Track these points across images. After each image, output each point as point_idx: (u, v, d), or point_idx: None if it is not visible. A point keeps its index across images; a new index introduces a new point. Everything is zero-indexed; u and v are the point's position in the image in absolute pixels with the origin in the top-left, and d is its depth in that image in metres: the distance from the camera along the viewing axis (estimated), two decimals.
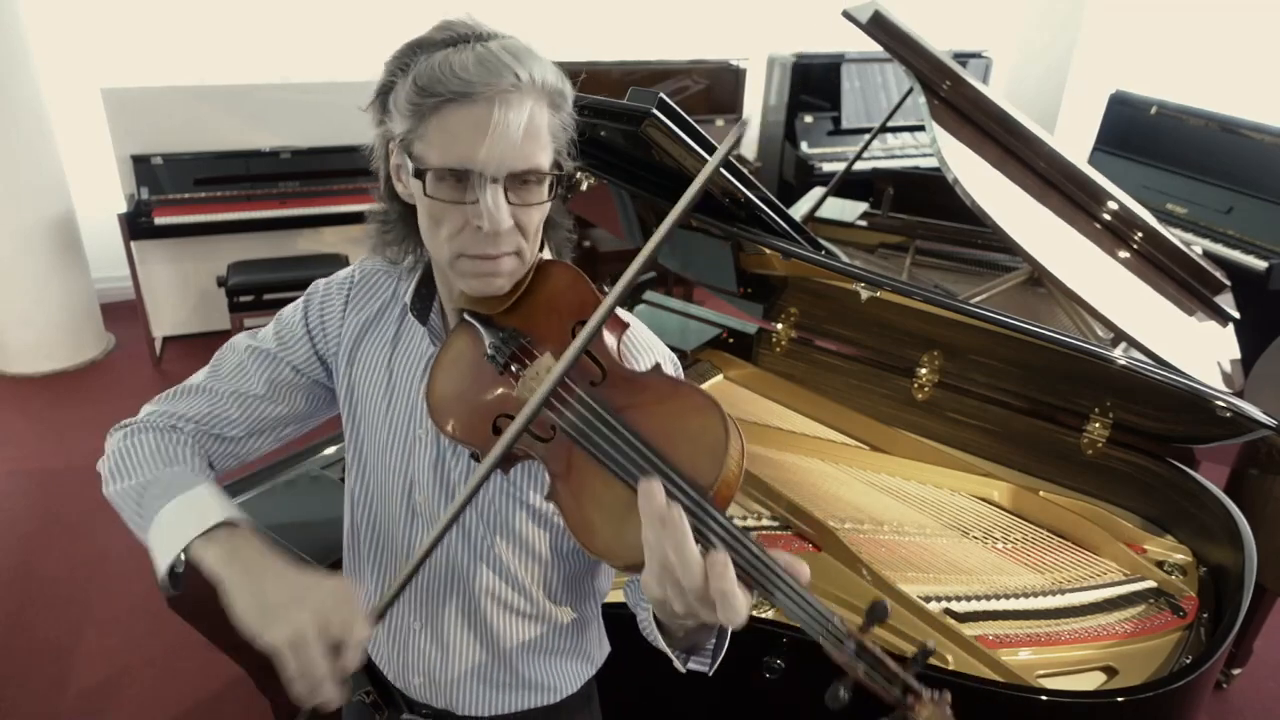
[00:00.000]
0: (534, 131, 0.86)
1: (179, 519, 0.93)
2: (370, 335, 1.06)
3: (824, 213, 3.09)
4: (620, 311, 0.95)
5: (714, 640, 0.94)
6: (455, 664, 1.10)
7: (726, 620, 0.72)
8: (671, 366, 1.01)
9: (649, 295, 2.74)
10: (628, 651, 1.24)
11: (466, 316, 0.97)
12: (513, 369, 0.92)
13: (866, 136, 2.83)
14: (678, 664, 0.94)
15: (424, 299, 1.03)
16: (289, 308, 1.09)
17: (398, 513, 1.06)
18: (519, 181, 0.87)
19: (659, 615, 0.86)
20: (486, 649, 1.10)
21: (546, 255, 1.02)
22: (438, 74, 0.83)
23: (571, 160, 0.94)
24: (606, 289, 0.91)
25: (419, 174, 0.87)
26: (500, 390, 0.93)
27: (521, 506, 1.01)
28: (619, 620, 1.19)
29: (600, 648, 1.22)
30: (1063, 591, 1.70)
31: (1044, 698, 1.40)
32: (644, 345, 1.01)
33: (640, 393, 0.87)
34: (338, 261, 4.07)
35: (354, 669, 0.84)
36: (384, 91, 0.90)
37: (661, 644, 0.94)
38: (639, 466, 0.80)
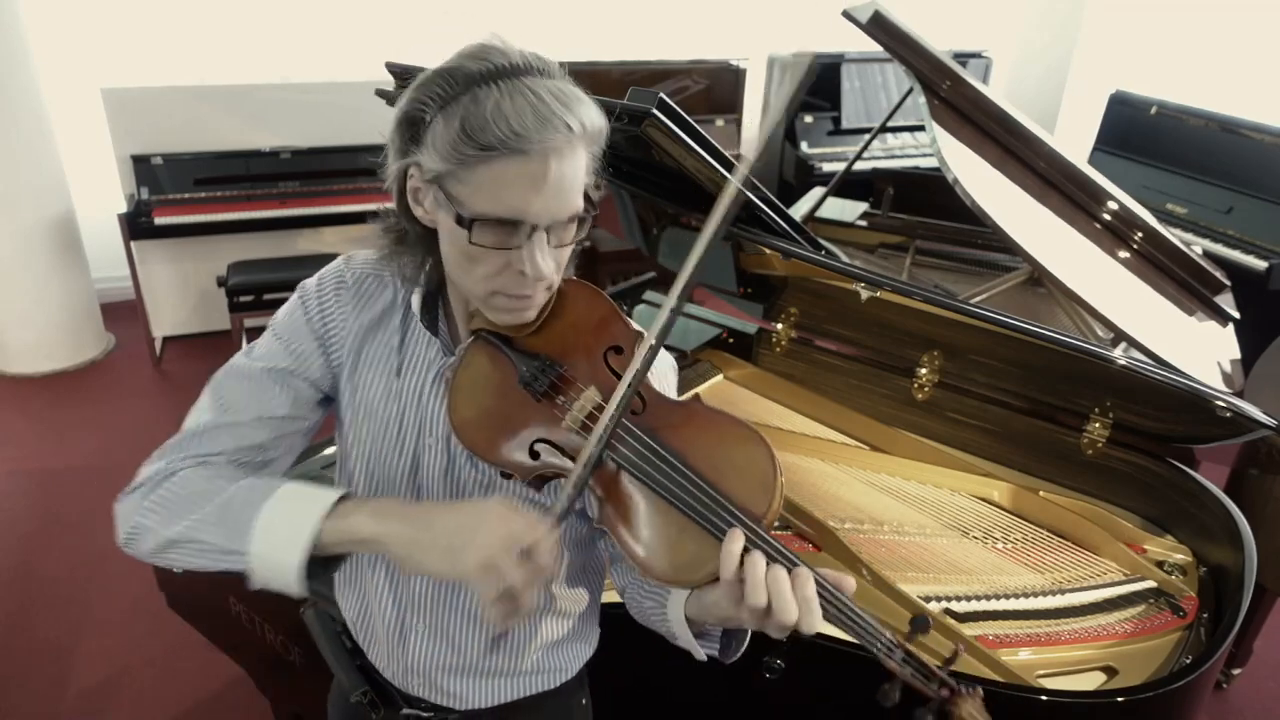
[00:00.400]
0: (578, 178, 0.87)
1: (289, 514, 0.89)
2: (374, 339, 1.03)
3: (824, 213, 3.09)
4: (635, 325, 0.97)
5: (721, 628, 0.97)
6: (460, 662, 1.10)
7: (807, 629, 0.82)
8: (673, 373, 1.05)
9: (649, 295, 2.74)
10: (625, 651, 1.25)
11: (485, 335, 0.97)
12: (556, 400, 0.93)
13: (866, 136, 2.83)
14: (700, 654, 0.97)
15: (431, 308, 1.02)
16: (284, 317, 1.03)
17: None
18: (562, 224, 0.88)
19: (712, 620, 0.91)
20: (495, 647, 1.10)
21: None
22: (490, 123, 0.80)
23: (597, 189, 0.94)
24: (623, 307, 0.93)
25: (461, 221, 0.85)
26: (538, 417, 0.94)
27: (530, 505, 1.00)
28: (618, 620, 1.19)
29: (596, 627, 1.23)
30: (1063, 591, 1.70)
31: (1044, 698, 1.40)
32: (661, 363, 1.03)
33: (683, 422, 0.91)
34: None
35: (550, 570, 0.86)
36: (414, 123, 0.86)
37: (681, 639, 0.96)
38: (696, 499, 0.85)
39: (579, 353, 0.95)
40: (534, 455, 0.93)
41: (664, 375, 1.03)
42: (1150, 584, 1.72)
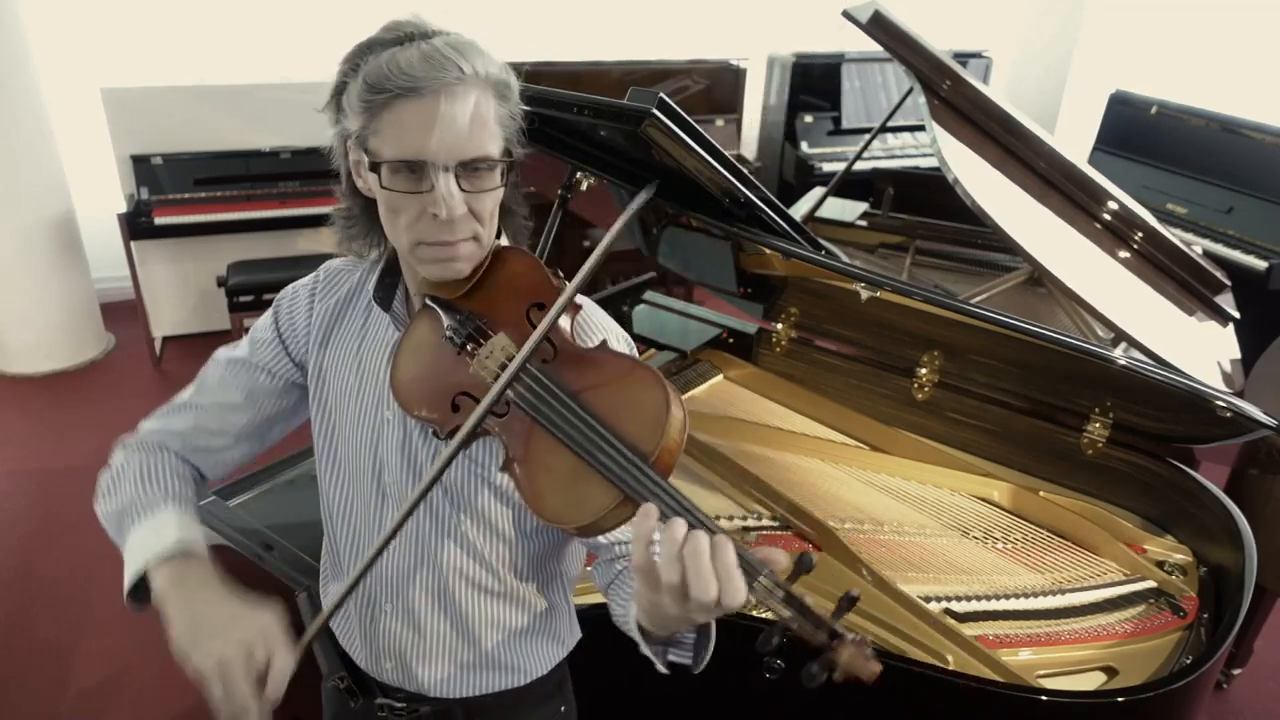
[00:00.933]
0: (481, 120, 0.90)
1: (142, 542, 1.00)
2: (340, 325, 1.10)
3: (824, 213, 3.09)
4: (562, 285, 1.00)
5: (693, 634, 0.95)
6: (426, 645, 1.12)
7: (730, 601, 0.76)
8: (623, 344, 1.06)
9: (649, 295, 2.74)
10: (610, 650, 1.25)
11: (428, 301, 1.02)
12: (469, 349, 0.98)
13: (866, 136, 2.83)
14: (660, 666, 0.95)
15: (387, 288, 1.07)
16: (261, 317, 1.14)
17: (369, 495, 1.09)
18: (470, 169, 0.91)
19: (647, 622, 0.88)
20: (456, 629, 1.11)
21: (505, 242, 1.06)
22: (385, 71, 0.87)
23: (522, 148, 0.98)
24: (559, 273, 0.99)
25: (374, 167, 0.91)
26: (458, 369, 0.98)
27: (485, 484, 1.04)
28: (604, 621, 1.18)
29: (571, 631, 1.23)
30: (1063, 591, 1.70)
31: (1044, 698, 1.40)
32: (597, 325, 1.05)
33: (589, 368, 0.93)
34: None
35: (277, 700, 0.88)
36: (338, 92, 0.94)
37: (643, 646, 0.95)
38: (586, 437, 0.86)
39: (504, 309, 0.99)
40: (455, 408, 0.96)
41: (593, 329, 1.04)
42: (1150, 584, 1.72)
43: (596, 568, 1.11)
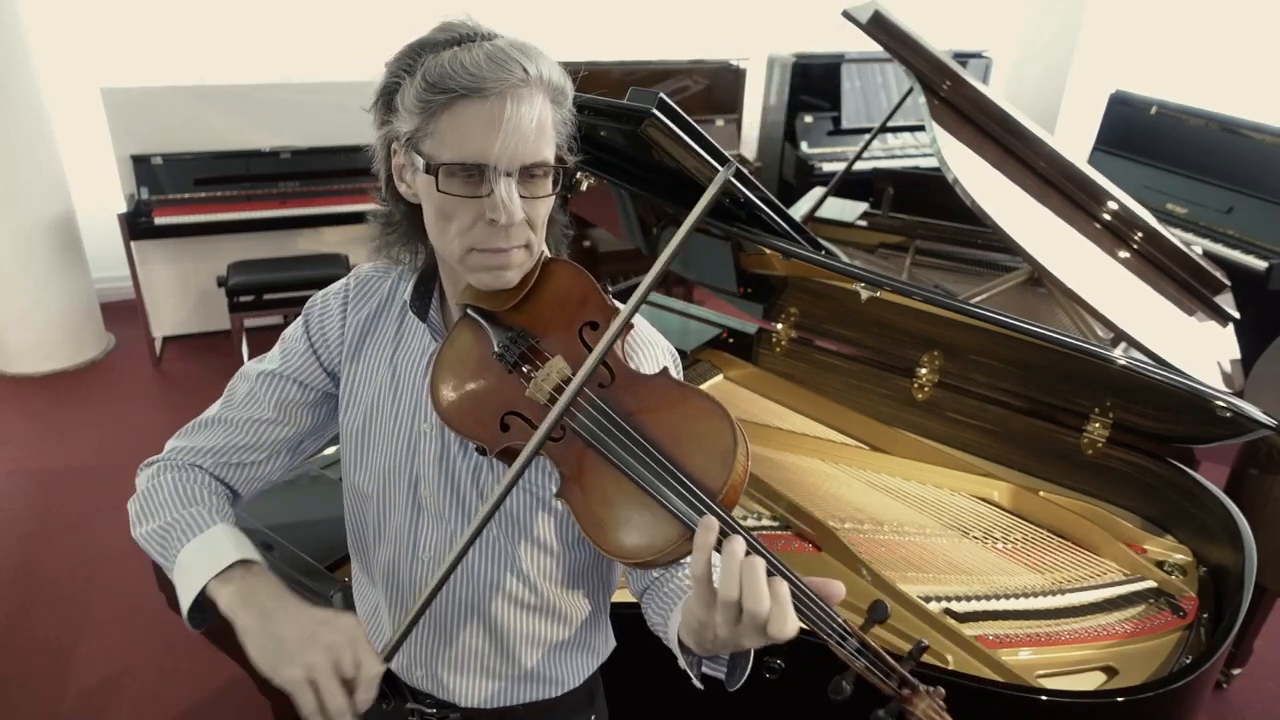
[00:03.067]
0: (542, 125, 0.88)
1: (196, 561, 0.96)
2: (373, 334, 1.07)
3: (824, 213, 3.09)
4: (615, 304, 0.96)
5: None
6: (457, 657, 1.11)
7: (777, 631, 0.76)
8: (673, 362, 1.03)
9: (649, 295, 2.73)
10: (635, 651, 1.24)
11: (470, 312, 0.98)
12: (523, 369, 0.94)
13: (866, 136, 2.83)
14: (695, 680, 0.94)
15: (423, 296, 1.04)
16: (291, 326, 1.10)
17: (403, 507, 1.07)
18: (528, 175, 0.89)
19: (693, 642, 0.87)
20: (490, 642, 1.10)
21: (548, 253, 1.02)
22: (448, 70, 0.84)
23: (573, 155, 0.96)
24: (608, 288, 0.92)
25: (429, 169, 0.88)
26: (509, 389, 0.94)
27: (537, 504, 1.02)
28: (628, 620, 1.18)
29: (606, 640, 1.22)
30: (1063, 591, 1.70)
31: (1044, 698, 1.40)
32: (645, 340, 1.03)
33: (649, 395, 0.89)
34: (337, 261, 4.07)
35: (367, 707, 0.87)
36: (388, 93, 0.90)
37: (681, 660, 0.94)
38: (651, 469, 0.83)
39: (556, 327, 0.95)
40: (504, 427, 0.93)
41: (653, 357, 1.02)
42: (1150, 584, 1.72)
43: (632, 574, 1.10)
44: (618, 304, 0.96)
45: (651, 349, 1.02)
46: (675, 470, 0.82)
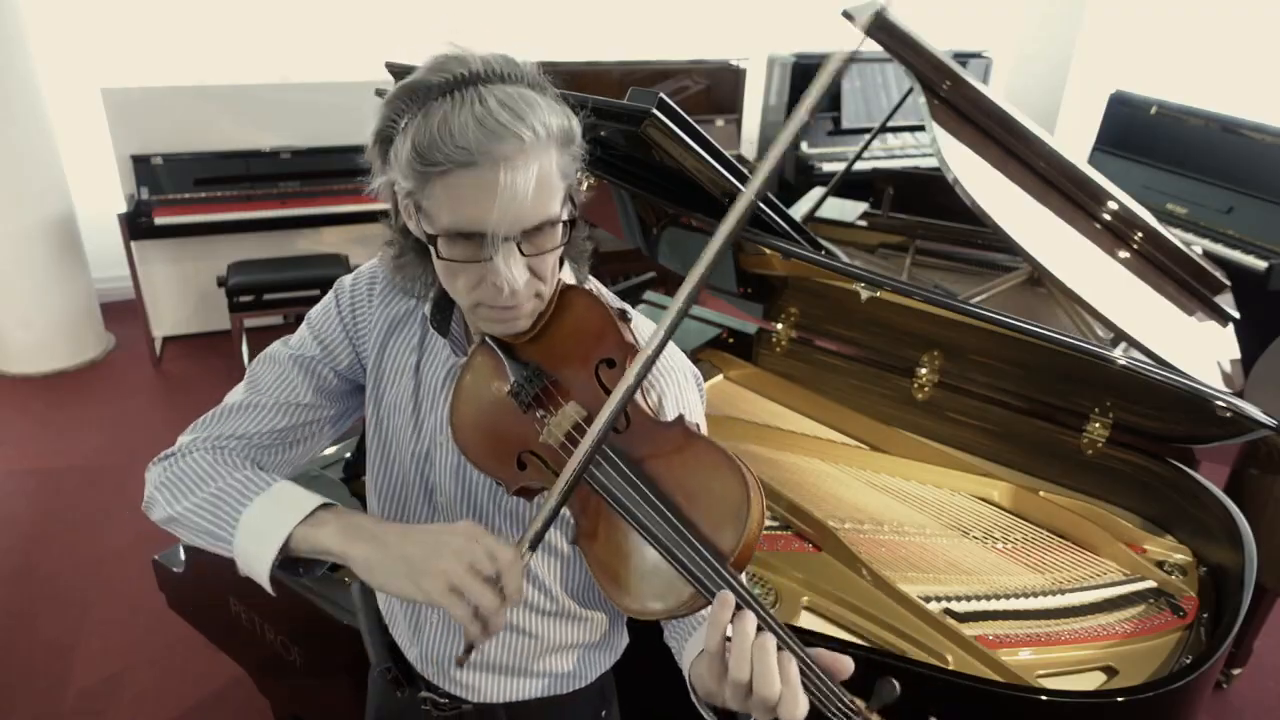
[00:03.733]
0: (544, 183, 0.83)
1: (271, 515, 0.92)
2: (398, 334, 1.06)
3: (824, 213, 3.09)
4: (638, 330, 0.94)
5: None
6: (473, 658, 1.10)
7: (788, 714, 0.77)
8: (695, 385, 1.02)
9: (649, 295, 2.74)
10: (645, 646, 1.24)
11: (487, 339, 0.97)
12: (538, 414, 0.92)
13: (866, 136, 2.83)
14: (708, 716, 0.93)
15: (443, 310, 1.03)
16: (319, 310, 1.08)
17: (420, 507, 1.08)
18: (533, 232, 0.85)
19: (702, 694, 0.87)
20: (507, 646, 1.11)
21: (566, 274, 0.99)
22: (436, 139, 0.79)
23: (580, 174, 0.92)
24: (628, 317, 0.92)
25: (430, 238, 0.86)
26: (524, 429, 0.93)
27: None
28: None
29: (621, 638, 1.22)
30: (1063, 591, 1.70)
31: (1044, 698, 1.40)
32: (665, 368, 0.99)
33: (663, 443, 0.86)
34: (338, 261, 4.07)
35: (520, 595, 0.85)
36: (384, 139, 0.86)
37: (693, 695, 0.94)
38: (664, 531, 0.81)
39: (571, 364, 0.93)
40: (521, 466, 0.92)
41: (675, 383, 0.99)
42: (1150, 584, 1.72)
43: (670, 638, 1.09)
44: (637, 335, 0.93)
45: (673, 375, 0.99)
46: (686, 531, 0.80)
